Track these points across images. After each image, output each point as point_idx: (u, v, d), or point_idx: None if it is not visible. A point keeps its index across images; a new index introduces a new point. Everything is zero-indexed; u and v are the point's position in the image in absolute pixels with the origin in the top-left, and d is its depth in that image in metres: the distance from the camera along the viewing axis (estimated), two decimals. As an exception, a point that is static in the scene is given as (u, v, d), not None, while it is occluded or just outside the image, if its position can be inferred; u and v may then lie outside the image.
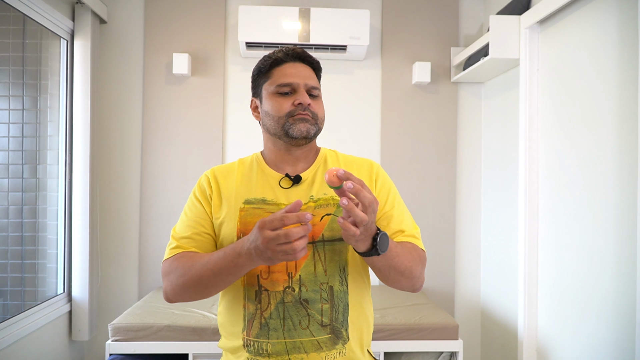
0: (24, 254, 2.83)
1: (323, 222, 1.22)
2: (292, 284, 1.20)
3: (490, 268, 3.08)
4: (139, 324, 2.40)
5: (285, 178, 1.29)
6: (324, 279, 1.21)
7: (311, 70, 1.29)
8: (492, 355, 3.03)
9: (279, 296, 1.20)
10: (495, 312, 2.98)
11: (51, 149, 2.91)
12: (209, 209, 1.29)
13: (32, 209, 2.86)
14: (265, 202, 1.25)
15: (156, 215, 3.14)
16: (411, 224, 1.31)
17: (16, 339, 2.40)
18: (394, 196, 1.32)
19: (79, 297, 2.90)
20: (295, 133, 1.22)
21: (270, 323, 1.20)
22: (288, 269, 1.21)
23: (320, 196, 1.25)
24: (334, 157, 1.36)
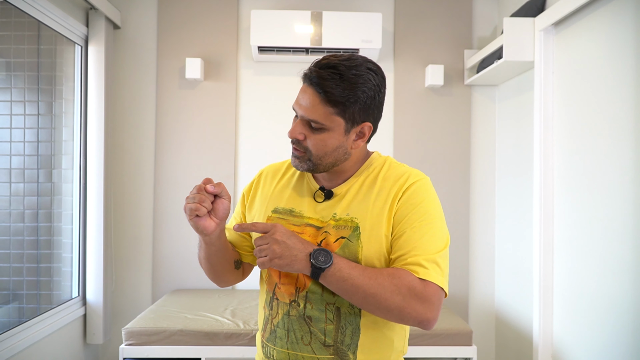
0: (40, 257, 2.85)
1: (336, 244, 1.16)
2: (297, 298, 1.18)
3: (505, 273, 3.04)
4: (152, 328, 2.41)
5: (319, 192, 1.23)
6: (331, 300, 1.16)
7: (320, 100, 1.10)
8: (506, 359, 2.99)
9: (286, 308, 1.19)
10: (510, 317, 2.95)
11: (66, 154, 2.94)
12: (243, 206, 1.34)
13: (48, 213, 2.88)
14: (292, 213, 1.23)
15: (169, 219, 3.15)
16: (426, 249, 1.10)
17: (32, 343, 2.42)
18: (419, 217, 1.13)
19: (94, 301, 2.92)
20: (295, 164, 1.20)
21: (277, 331, 1.20)
22: (297, 283, 1.19)
23: (342, 216, 1.17)
24: (378, 170, 1.22)
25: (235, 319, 2.52)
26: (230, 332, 2.40)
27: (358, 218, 1.15)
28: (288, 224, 1.21)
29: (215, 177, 3.13)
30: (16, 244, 2.74)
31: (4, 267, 2.71)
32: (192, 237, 3.29)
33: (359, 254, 1.13)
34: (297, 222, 1.20)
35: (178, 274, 3.10)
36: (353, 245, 1.13)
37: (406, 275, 1.07)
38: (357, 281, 1.06)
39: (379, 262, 1.14)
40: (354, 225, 1.15)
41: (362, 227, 1.14)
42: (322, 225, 1.18)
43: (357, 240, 1.14)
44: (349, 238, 1.14)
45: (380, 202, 1.16)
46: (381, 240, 1.14)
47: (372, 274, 1.07)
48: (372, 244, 1.13)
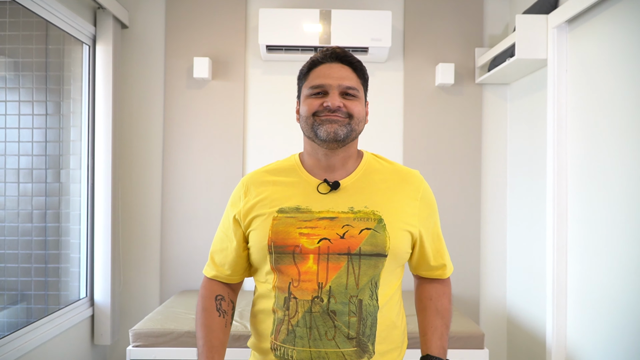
0: (48, 258, 2.85)
1: (362, 235, 1.19)
2: (321, 294, 1.18)
3: (517, 275, 2.99)
4: (159, 329, 2.39)
5: (324, 183, 1.26)
6: (354, 292, 1.19)
7: (350, 71, 1.25)
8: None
9: (307, 305, 1.18)
10: (522, 320, 2.90)
11: (74, 154, 2.93)
12: (237, 224, 1.30)
13: (56, 214, 2.87)
14: (299, 210, 1.23)
15: (177, 219, 3.13)
16: (444, 253, 1.36)
17: (40, 343, 2.41)
18: (436, 220, 1.34)
19: (101, 302, 2.91)
20: (322, 134, 1.21)
21: (297, 331, 1.19)
22: (319, 278, 1.19)
23: (361, 209, 1.23)
24: (379, 166, 1.32)
25: (243, 321, 2.50)
26: (238, 334, 2.37)
27: (380, 211, 1.21)
28: (298, 221, 1.20)
29: (223, 177, 3.11)
30: (24, 244, 2.74)
31: (13, 267, 2.71)
32: (200, 237, 3.31)
33: (387, 243, 1.19)
34: (308, 217, 1.21)
35: (186, 274, 3.09)
36: (381, 236, 1.19)
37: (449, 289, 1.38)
38: (447, 334, 1.32)
39: (404, 250, 1.24)
40: (377, 217, 1.21)
41: (386, 220, 1.21)
42: (336, 216, 1.20)
43: (384, 231, 1.20)
44: (375, 229, 1.19)
45: (398, 198, 1.25)
46: (405, 233, 1.23)
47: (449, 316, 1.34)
48: (398, 235, 1.21)
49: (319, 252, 1.18)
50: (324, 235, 1.18)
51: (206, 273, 1.36)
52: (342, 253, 1.18)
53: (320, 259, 1.18)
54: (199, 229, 3.10)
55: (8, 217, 2.67)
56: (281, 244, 1.21)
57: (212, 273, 1.34)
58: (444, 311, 1.30)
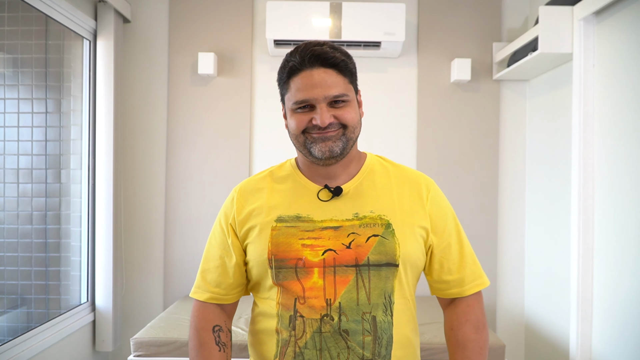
0: (48, 261, 2.76)
1: (369, 243, 1.07)
2: (330, 311, 1.06)
3: (536, 280, 2.85)
4: (162, 338, 2.27)
5: (325, 190, 1.14)
6: (367, 308, 1.06)
7: (335, 74, 1.08)
8: (538, 374, 2.81)
9: (316, 325, 1.06)
10: (542, 328, 2.76)
11: (74, 154, 2.82)
12: (233, 236, 1.18)
13: (56, 215, 2.79)
14: (300, 218, 1.11)
15: (181, 221, 3.02)
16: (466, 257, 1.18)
17: (41, 349, 2.33)
18: (452, 225, 1.19)
19: (103, 307, 2.81)
20: (317, 154, 1.08)
21: (306, 353, 1.07)
22: (326, 294, 1.06)
23: (366, 214, 1.10)
24: (382, 168, 1.19)
25: (249, 329, 2.38)
26: (245, 344, 2.25)
27: (387, 215, 1.10)
28: (299, 231, 1.09)
29: (229, 177, 2.99)
30: (24, 246, 2.65)
31: (13, 270, 2.63)
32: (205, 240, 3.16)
33: (397, 251, 1.08)
34: (310, 227, 1.09)
35: (191, 278, 2.97)
36: (389, 243, 1.08)
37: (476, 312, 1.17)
38: None
39: (416, 258, 1.12)
40: (384, 222, 1.10)
41: (394, 224, 1.09)
42: (340, 225, 1.08)
43: (393, 237, 1.09)
44: (383, 235, 1.08)
45: (406, 201, 1.14)
46: (416, 238, 1.12)
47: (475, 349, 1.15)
48: (409, 241, 1.10)
49: (324, 264, 1.06)
50: (328, 246, 1.07)
51: (197, 297, 1.20)
52: (349, 265, 1.06)
53: (326, 272, 1.06)
54: (204, 232, 2.98)
55: (7, 218, 2.58)
56: (282, 257, 1.08)
57: (206, 295, 1.19)
58: (466, 342, 1.13)
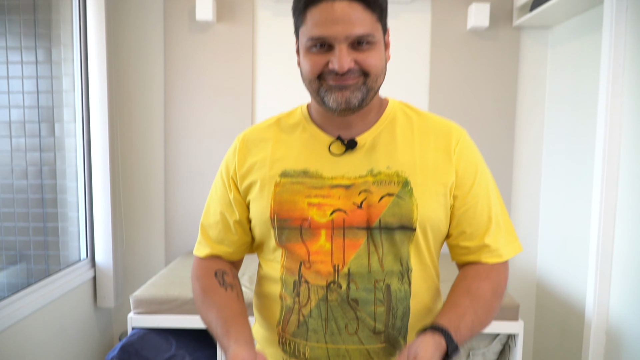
0: (46, 216, 2.69)
1: (382, 203, 0.93)
2: (338, 278, 0.94)
3: (551, 237, 2.75)
4: (162, 296, 2.20)
5: (337, 142, 0.99)
6: (380, 276, 0.94)
7: (361, 8, 0.89)
8: (549, 335, 2.74)
9: (322, 292, 0.95)
10: (555, 287, 2.67)
11: (67, 106, 2.69)
12: (235, 191, 1.04)
13: (52, 170, 2.69)
14: (307, 174, 0.97)
15: (182, 175, 2.90)
16: (497, 221, 1.02)
17: (42, 305, 2.28)
18: (481, 184, 1.01)
19: (103, 263, 2.74)
20: (331, 104, 0.92)
21: (310, 322, 0.96)
22: (334, 259, 0.94)
23: (382, 169, 0.96)
24: (405, 118, 1.03)
25: (253, 286, 2.30)
26: (248, 302, 2.17)
27: (405, 172, 0.95)
28: (306, 188, 0.96)
29: (230, 131, 2.85)
30: (20, 202, 2.58)
31: (10, 226, 2.57)
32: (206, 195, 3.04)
33: (414, 213, 0.94)
34: (318, 184, 0.96)
35: (192, 234, 2.88)
36: (405, 204, 0.94)
37: (500, 277, 1.00)
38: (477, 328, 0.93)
39: (438, 221, 0.98)
40: (401, 180, 0.96)
41: (413, 182, 0.94)
42: (352, 183, 0.95)
43: (410, 197, 0.95)
44: (399, 195, 0.94)
45: (430, 156, 0.99)
46: (439, 198, 0.97)
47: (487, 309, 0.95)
48: (429, 202, 0.96)
49: (332, 226, 0.94)
50: (338, 206, 0.94)
51: (198, 253, 1.10)
52: (360, 227, 0.93)
53: (334, 234, 0.94)
54: (206, 186, 2.87)
55: (2, 173, 2.50)
56: (285, 216, 0.96)
57: (207, 251, 1.08)
58: (478, 296, 0.94)
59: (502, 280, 0.99)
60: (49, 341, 2.34)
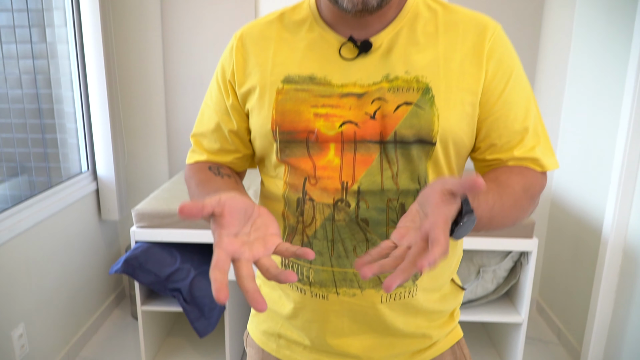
0: (44, 127, 2.59)
1: (398, 113, 0.79)
2: (346, 196, 0.82)
3: (570, 150, 2.61)
4: (165, 210, 2.13)
5: (349, 44, 0.83)
6: (394, 194, 0.82)
7: None
8: (560, 254, 2.68)
9: (328, 212, 0.84)
10: (571, 205, 2.58)
11: (57, 8, 2.50)
12: (233, 97, 0.90)
13: (46, 79, 2.56)
14: (314, 80, 0.83)
15: (183, 82, 2.75)
16: (534, 130, 0.86)
17: (46, 216, 2.26)
18: (516, 88, 0.84)
19: (105, 175, 2.67)
20: (345, 4, 0.77)
21: (315, 244, 0.86)
22: (343, 176, 0.82)
23: (400, 74, 0.81)
24: (429, 12, 0.85)
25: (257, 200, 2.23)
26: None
27: (427, 77, 0.81)
28: (312, 97, 0.82)
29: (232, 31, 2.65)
30: (17, 112, 2.47)
31: (8, 137, 2.48)
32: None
33: (434, 125, 0.80)
34: (326, 92, 0.82)
35: (196, 148, 2.79)
36: (425, 114, 0.80)
37: (535, 179, 0.84)
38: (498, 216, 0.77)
39: (462, 134, 0.83)
40: (422, 87, 0.80)
41: (435, 89, 0.79)
42: (365, 92, 0.80)
43: (431, 107, 0.80)
44: (418, 104, 0.80)
45: (457, 56, 0.82)
46: (464, 107, 0.82)
47: (514, 200, 0.78)
48: (453, 112, 0.81)
49: (342, 139, 0.81)
50: (348, 118, 0.81)
51: (192, 161, 0.98)
52: (373, 140, 0.81)
53: (344, 149, 0.82)
54: (208, 98, 2.73)
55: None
56: (289, 128, 0.83)
57: (203, 158, 0.96)
58: (506, 185, 0.79)
59: (537, 184, 0.84)
60: (54, 252, 2.33)
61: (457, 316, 1.01)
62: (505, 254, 2.11)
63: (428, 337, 0.94)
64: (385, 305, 0.87)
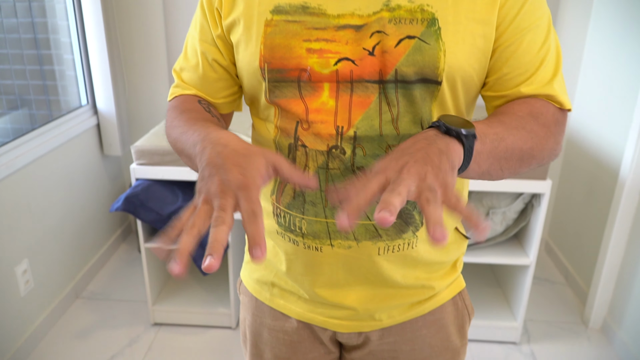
0: (42, 59, 2.50)
1: (400, 49, 0.69)
2: (341, 143, 0.74)
3: (591, 92, 2.47)
4: (165, 147, 2.07)
5: None
6: (394, 140, 0.74)
7: None
8: (573, 195, 2.60)
9: (321, 159, 0.76)
10: (588, 142, 2.47)
11: None
12: (220, 26, 0.80)
13: (41, 6, 2.45)
14: (307, 10, 0.72)
15: (184, 12, 2.62)
16: (554, 64, 0.74)
17: (48, 150, 2.23)
18: (533, 13, 0.72)
19: (105, 110, 2.60)
20: None
21: (307, 193, 0.79)
22: (337, 120, 0.74)
23: (402, 3, 0.70)
24: None
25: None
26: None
27: (432, 6, 0.70)
28: (305, 29, 0.72)
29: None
30: (13, 42, 2.38)
31: (5, 68, 2.41)
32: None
33: (440, 62, 0.70)
34: (320, 23, 0.72)
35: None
36: (430, 49, 0.70)
37: (546, 108, 0.73)
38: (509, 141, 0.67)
39: (471, 71, 0.73)
40: (427, 17, 0.70)
41: (441, 20, 0.69)
42: (364, 23, 0.71)
43: (437, 41, 0.70)
44: (422, 37, 0.70)
45: None
46: (475, 41, 0.71)
47: (519, 122, 0.69)
48: (461, 46, 0.71)
49: (338, 78, 0.72)
50: (344, 54, 0.71)
51: (173, 96, 0.88)
52: (371, 80, 0.71)
53: (340, 89, 0.73)
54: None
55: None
56: (279, 66, 0.74)
57: (188, 92, 0.87)
58: (515, 118, 0.70)
59: (549, 113, 0.73)
60: (56, 188, 2.30)
61: (460, 266, 0.95)
62: (516, 195, 2.03)
63: (428, 288, 0.89)
64: (382, 258, 0.81)
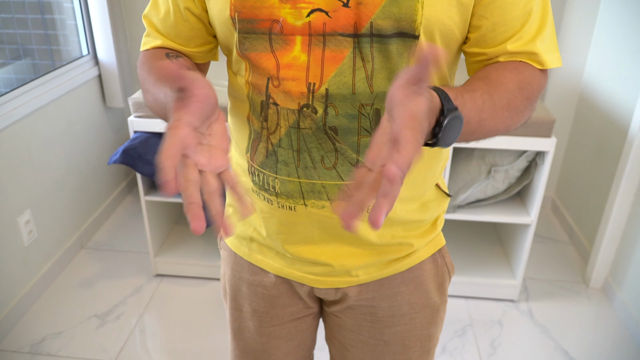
0: (42, 7, 2.46)
1: (375, 1, 0.65)
2: (312, 101, 0.71)
3: (604, 47, 2.37)
4: (162, 99, 2.04)
5: None
6: (368, 99, 0.70)
7: None
8: (581, 154, 2.53)
9: (292, 118, 0.73)
10: (600, 100, 2.38)
11: None
12: None
13: (38, -48, 2.38)
14: None
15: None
16: (537, 18, 0.70)
17: (50, 100, 2.22)
18: None
19: (106, 61, 2.56)
20: None
21: (280, 153, 0.76)
22: (309, 76, 0.70)
23: None
24: None
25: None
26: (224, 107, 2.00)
27: None
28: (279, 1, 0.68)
29: None
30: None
31: (7, 17, 2.38)
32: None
33: (417, 15, 0.65)
34: None
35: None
36: (407, 1, 0.65)
37: (533, 76, 0.70)
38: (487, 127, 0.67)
39: (451, 24, 0.68)
40: None
41: None
42: None
43: None
44: None
45: None
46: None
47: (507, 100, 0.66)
48: (440, 1, 0.66)
49: (310, 31, 0.68)
50: (317, 4, 0.66)
51: (147, 47, 0.84)
52: (345, 33, 0.67)
53: (312, 43, 0.69)
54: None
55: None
56: (250, 15, 0.69)
57: (158, 43, 0.83)
58: (498, 82, 0.67)
59: (535, 83, 0.71)
60: (58, 138, 2.30)
61: (441, 224, 0.93)
62: (520, 153, 1.98)
63: (406, 245, 0.87)
64: None
